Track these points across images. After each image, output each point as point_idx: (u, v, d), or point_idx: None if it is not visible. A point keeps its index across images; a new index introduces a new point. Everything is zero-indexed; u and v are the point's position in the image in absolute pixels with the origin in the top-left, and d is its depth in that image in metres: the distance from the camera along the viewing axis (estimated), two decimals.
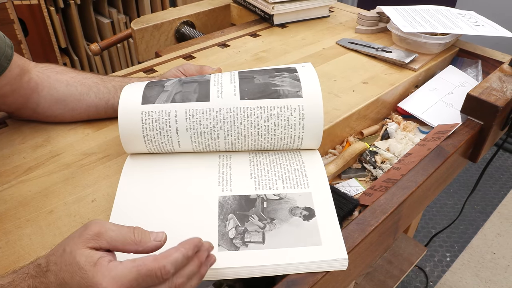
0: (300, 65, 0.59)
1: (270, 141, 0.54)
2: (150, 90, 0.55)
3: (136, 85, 0.57)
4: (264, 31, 1.00)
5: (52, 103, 0.64)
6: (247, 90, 0.54)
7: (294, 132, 0.53)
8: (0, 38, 0.57)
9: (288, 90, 0.54)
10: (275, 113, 0.52)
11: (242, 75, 0.56)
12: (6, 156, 0.60)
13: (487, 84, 0.71)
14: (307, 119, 0.52)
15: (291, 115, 0.52)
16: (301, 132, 0.53)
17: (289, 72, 0.56)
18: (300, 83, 0.54)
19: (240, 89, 0.54)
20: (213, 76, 0.57)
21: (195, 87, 0.55)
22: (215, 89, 0.54)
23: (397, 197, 0.54)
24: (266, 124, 0.52)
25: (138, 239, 0.38)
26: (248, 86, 0.54)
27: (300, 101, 0.52)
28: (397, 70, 0.83)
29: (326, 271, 0.44)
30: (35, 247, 0.47)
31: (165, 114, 0.52)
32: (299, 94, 0.53)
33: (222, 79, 0.56)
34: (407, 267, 1.00)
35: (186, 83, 0.55)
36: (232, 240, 0.45)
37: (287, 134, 0.53)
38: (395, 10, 0.95)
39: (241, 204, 0.49)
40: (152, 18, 1.04)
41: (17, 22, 1.50)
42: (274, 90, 0.53)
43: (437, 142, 0.65)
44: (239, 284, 0.51)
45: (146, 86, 0.56)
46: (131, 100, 0.54)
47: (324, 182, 0.52)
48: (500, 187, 1.80)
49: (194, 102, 0.53)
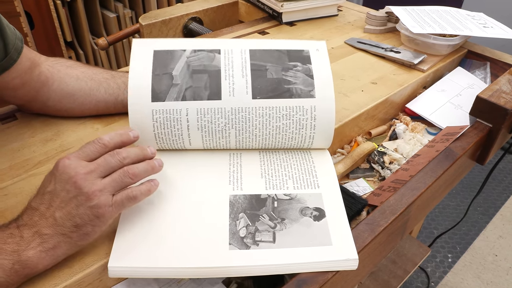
0: (314, 47, 0.57)
1: (281, 140, 0.54)
2: (159, 82, 0.54)
3: (143, 68, 0.55)
4: (273, 29, 1.00)
5: (62, 97, 0.64)
6: (260, 88, 0.53)
7: (305, 132, 0.53)
8: (10, 30, 0.56)
9: (301, 89, 0.53)
10: (287, 114, 0.52)
11: (254, 63, 0.55)
12: (16, 149, 0.60)
13: (497, 86, 0.71)
14: (318, 120, 0.52)
15: (303, 115, 0.52)
16: (312, 132, 0.53)
17: (303, 63, 0.56)
18: (313, 80, 0.54)
19: (253, 86, 0.53)
20: (223, 60, 0.55)
21: (205, 80, 0.54)
22: (227, 84, 0.53)
23: (407, 198, 0.54)
24: (278, 124, 0.52)
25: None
26: (261, 83, 0.54)
27: (312, 101, 0.52)
28: (405, 70, 0.83)
29: (336, 271, 0.45)
30: None
31: (176, 113, 0.52)
32: (311, 94, 0.53)
33: (234, 67, 0.54)
34: (411, 268, 1.00)
35: (195, 73, 0.54)
36: (243, 239, 0.45)
37: (298, 134, 0.53)
38: (404, 11, 0.95)
39: (252, 203, 0.49)
40: (160, 13, 1.04)
41: (23, 15, 1.50)
42: (286, 88, 0.53)
43: (446, 144, 0.65)
44: (248, 281, 0.52)
45: (153, 74, 0.54)
46: (140, 97, 0.53)
47: (334, 183, 0.52)
48: (503, 189, 1.80)
49: (205, 100, 0.52)
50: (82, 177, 0.42)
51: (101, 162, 0.44)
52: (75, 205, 0.42)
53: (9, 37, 0.55)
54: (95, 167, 0.44)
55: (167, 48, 0.55)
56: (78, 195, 0.42)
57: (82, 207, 0.42)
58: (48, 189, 0.43)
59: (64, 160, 0.43)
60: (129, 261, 0.43)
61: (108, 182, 0.44)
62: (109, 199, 0.43)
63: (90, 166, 0.44)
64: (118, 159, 0.45)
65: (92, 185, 0.42)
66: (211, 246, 0.45)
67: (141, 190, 0.46)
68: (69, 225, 0.42)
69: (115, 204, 0.44)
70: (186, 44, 0.56)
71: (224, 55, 0.55)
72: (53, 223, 0.42)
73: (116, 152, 0.46)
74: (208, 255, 0.44)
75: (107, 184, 0.43)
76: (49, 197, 0.43)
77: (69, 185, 0.42)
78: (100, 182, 0.43)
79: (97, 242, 0.47)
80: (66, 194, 0.42)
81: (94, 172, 0.43)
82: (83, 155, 0.45)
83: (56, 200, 0.42)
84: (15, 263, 0.40)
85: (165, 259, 0.44)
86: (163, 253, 0.44)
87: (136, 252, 0.44)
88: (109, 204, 0.43)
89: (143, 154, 0.48)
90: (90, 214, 0.42)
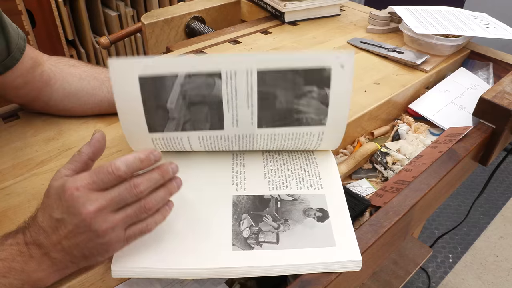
0: (338, 62, 0.46)
1: (284, 150, 0.54)
2: (153, 116, 0.47)
3: (131, 99, 0.47)
4: (275, 28, 0.99)
5: (64, 97, 0.63)
6: (266, 118, 0.48)
7: (310, 146, 0.53)
8: (13, 29, 0.56)
9: (312, 118, 0.48)
10: (293, 137, 0.51)
11: (262, 91, 0.46)
12: (19, 148, 0.60)
13: (500, 87, 0.71)
14: (325, 141, 0.52)
15: (309, 139, 0.51)
16: (317, 146, 0.53)
17: (320, 86, 0.47)
18: (327, 109, 0.48)
19: (259, 116, 0.48)
20: (225, 88, 0.46)
21: (205, 112, 0.47)
22: (230, 116, 0.47)
23: (410, 199, 0.54)
24: (283, 144, 0.52)
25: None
26: (268, 113, 0.48)
27: (322, 128, 0.50)
28: (408, 71, 0.83)
29: (340, 272, 0.44)
30: None
31: (177, 139, 0.50)
32: (322, 122, 0.49)
33: (238, 96, 0.46)
34: (413, 268, 1.00)
35: (194, 106, 0.47)
36: (246, 239, 0.45)
37: (303, 147, 0.54)
38: (407, 11, 0.95)
39: (255, 204, 0.49)
40: (162, 12, 1.04)
41: (25, 13, 1.50)
42: (296, 117, 0.48)
43: (449, 144, 0.65)
44: (251, 282, 0.51)
45: (145, 107, 0.47)
46: (136, 131, 0.49)
47: (338, 184, 0.52)
48: (504, 190, 1.80)
49: (207, 130, 0.48)
50: (92, 216, 0.38)
51: (115, 197, 0.39)
52: (84, 239, 0.39)
53: (12, 36, 0.55)
54: (108, 203, 0.38)
55: (155, 73, 0.45)
56: (87, 231, 0.38)
57: (92, 242, 0.39)
58: (55, 215, 0.39)
59: (73, 191, 0.38)
60: (132, 262, 0.43)
61: (122, 218, 0.39)
62: (121, 235, 0.40)
63: (102, 201, 0.38)
64: (135, 193, 0.39)
65: (103, 222, 0.38)
66: (214, 247, 0.45)
67: (156, 221, 0.42)
68: (78, 255, 0.40)
69: (127, 239, 0.41)
70: (177, 65, 0.45)
71: (226, 80, 0.45)
72: (61, 249, 0.39)
73: (134, 185, 0.39)
74: (212, 256, 0.44)
75: (120, 220, 0.39)
76: (56, 224, 0.39)
77: (78, 220, 0.38)
78: (112, 218, 0.39)
79: None
80: (75, 228, 0.38)
81: (106, 209, 0.38)
82: (94, 186, 0.38)
83: (64, 229, 0.39)
84: (25, 283, 0.39)
85: (168, 259, 0.44)
86: (166, 254, 0.44)
87: (139, 253, 0.44)
88: (121, 240, 0.40)
89: (163, 178, 0.42)
90: (99, 249, 0.40)
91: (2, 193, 0.53)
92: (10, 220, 0.49)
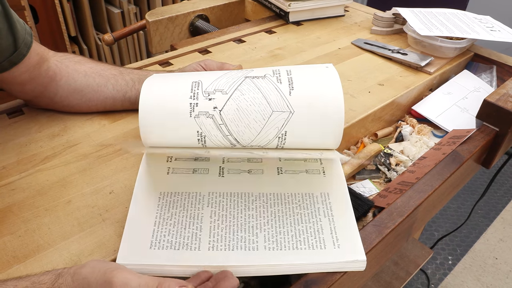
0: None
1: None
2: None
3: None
4: (279, 28, 1.00)
5: (69, 93, 0.63)
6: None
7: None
8: (20, 25, 0.56)
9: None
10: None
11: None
12: (23, 144, 0.60)
13: (504, 90, 0.71)
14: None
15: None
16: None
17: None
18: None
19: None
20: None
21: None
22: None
23: (414, 200, 0.54)
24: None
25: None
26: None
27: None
28: (412, 72, 0.83)
29: (344, 272, 0.45)
30: (54, 237, 0.47)
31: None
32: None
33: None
34: (413, 269, 1.00)
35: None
36: None
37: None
38: (411, 12, 0.95)
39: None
40: (167, 10, 1.04)
41: (28, 9, 1.49)
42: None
43: (453, 146, 0.65)
44: (254, 281, 0.52)
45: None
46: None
47: (342, 184, 0.52)
48: (505, 193, 1.80)
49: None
50: None
51: None
52: None
53: (19, 31, 0.55)
54: None
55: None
56: None
57: None
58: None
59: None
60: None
61: None
62: None
63: None
64: None
65: None
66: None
67: None
68: None
69: None
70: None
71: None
72: None
73: None
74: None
75: None
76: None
77: None
78: None
79: (106, 239, 0.47)
80: None
81: None
82: None
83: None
84: None
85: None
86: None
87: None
88: None
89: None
90: None
91: (7, 188, 0.53)
92: (15, 216, 0.49)
